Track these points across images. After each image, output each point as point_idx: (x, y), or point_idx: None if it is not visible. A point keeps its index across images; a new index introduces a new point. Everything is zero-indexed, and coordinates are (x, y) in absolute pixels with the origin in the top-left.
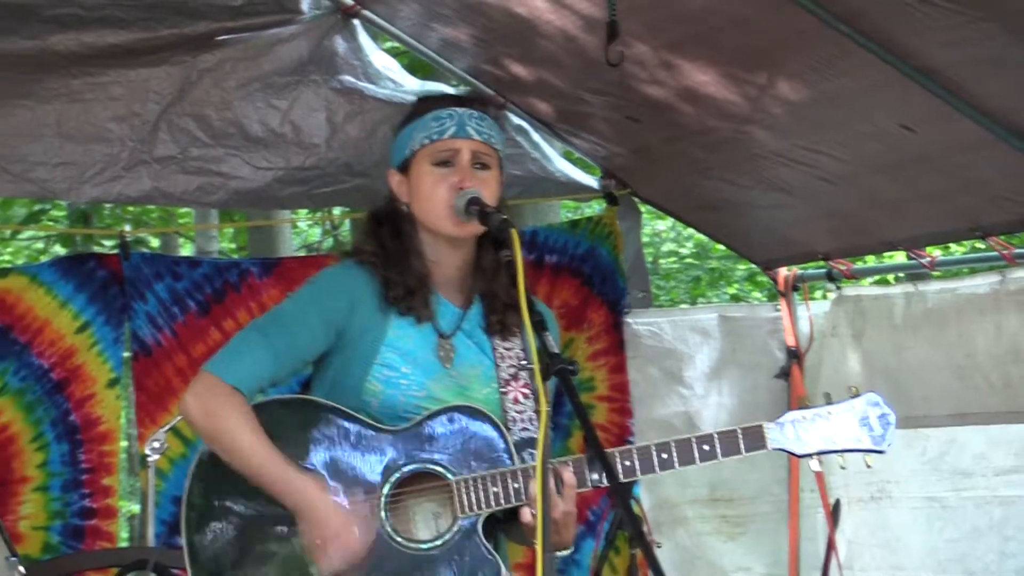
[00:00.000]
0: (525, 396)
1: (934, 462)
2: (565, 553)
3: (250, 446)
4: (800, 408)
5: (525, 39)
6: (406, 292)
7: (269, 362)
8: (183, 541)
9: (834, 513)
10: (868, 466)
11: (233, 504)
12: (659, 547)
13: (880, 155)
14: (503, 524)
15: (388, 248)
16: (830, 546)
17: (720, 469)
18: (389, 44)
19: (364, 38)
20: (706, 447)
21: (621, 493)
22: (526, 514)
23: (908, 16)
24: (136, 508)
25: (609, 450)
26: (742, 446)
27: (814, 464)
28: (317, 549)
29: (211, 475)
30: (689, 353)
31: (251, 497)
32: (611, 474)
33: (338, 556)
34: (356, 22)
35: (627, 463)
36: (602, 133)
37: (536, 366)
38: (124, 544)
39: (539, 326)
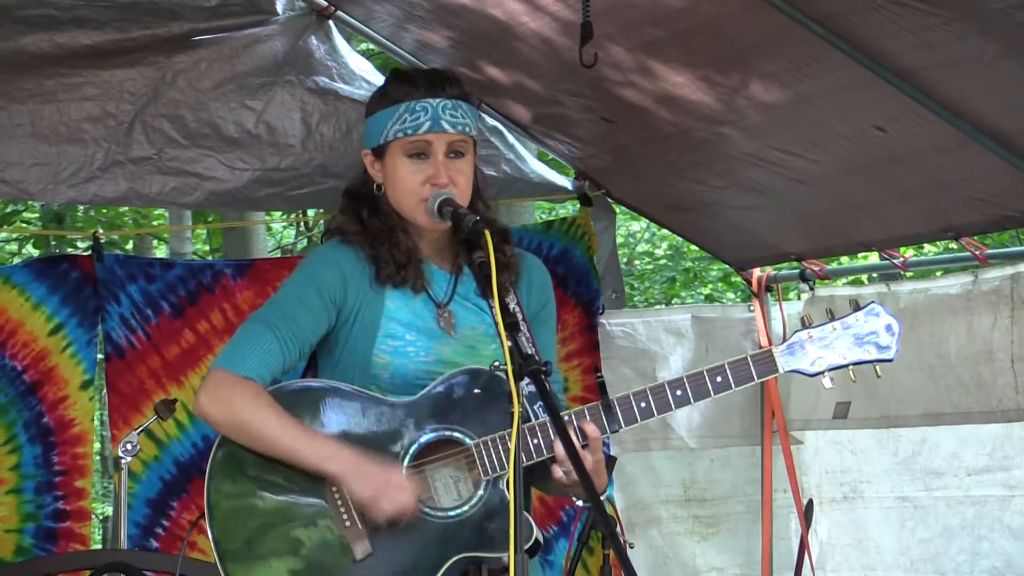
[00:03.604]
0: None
1: (906, 462)
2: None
3: (278, 428)
4: (806, 327)
5: (501, 41)
6: (397, 267)
7: (276, 349)
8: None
9: (807, 513)
10: (878, 375)
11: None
12: (632, 548)
13: (853, 156)
14: (534, 479)
15: (370, 227)
16: (803, 546)
17: (693, 468)
18: (364, 46)
19: (339, 39)
20: (719, 379)
21: (594, 494)
22: (557, 471)
23: (881, 18)
24: (109, 510)
25: (624, 393)
26: (754, 372)
27: (826, 381)
28: (369, 502)
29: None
30: (663, 353)
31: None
32: (588, 482)
33: (391, 504)
34: (331, 23)
35: (643, 404)
36: (577, 135)
37: (509, 367)
38: (97, 547)
39: (513, 328)
